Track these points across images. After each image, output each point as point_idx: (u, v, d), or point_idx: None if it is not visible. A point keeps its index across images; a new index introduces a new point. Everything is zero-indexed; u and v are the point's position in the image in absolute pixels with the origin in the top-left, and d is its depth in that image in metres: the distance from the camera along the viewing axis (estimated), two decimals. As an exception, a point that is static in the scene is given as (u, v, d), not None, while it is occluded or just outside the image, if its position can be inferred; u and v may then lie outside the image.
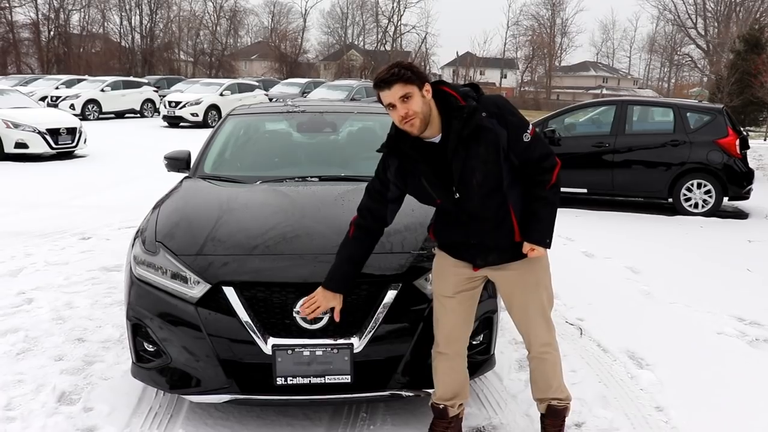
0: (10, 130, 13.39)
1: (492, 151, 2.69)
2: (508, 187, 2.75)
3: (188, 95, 24.44)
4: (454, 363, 3.03)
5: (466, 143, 2.68)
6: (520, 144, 2.71)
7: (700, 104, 10.90)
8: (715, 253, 7.41)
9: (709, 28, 46.64)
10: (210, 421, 3.36)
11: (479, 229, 2.80)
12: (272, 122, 5.44)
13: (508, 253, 2.84)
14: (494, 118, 2.68)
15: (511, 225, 2.78)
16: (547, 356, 3.02)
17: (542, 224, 2.79)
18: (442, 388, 3.07)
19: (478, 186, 2.72)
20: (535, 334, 2.99)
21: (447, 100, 2.72)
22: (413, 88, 2.63)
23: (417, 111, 2.64)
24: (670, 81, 71.31)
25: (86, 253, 6.50)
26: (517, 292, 2.94)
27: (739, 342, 4.70)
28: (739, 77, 20.06)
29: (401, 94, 2.63)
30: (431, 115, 2.69)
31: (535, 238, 2.78)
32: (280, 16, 67.38)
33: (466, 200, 2.75)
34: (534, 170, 2.77)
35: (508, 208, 2.77)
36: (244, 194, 4.02)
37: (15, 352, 4.16)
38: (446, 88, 2.76)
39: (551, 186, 2.78)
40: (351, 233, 3.01)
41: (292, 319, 3.01)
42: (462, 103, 2.69)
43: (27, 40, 53.11)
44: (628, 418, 3.51)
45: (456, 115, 2.68)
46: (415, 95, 2.63)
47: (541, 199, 2.78)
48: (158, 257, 3.29)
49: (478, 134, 2.68)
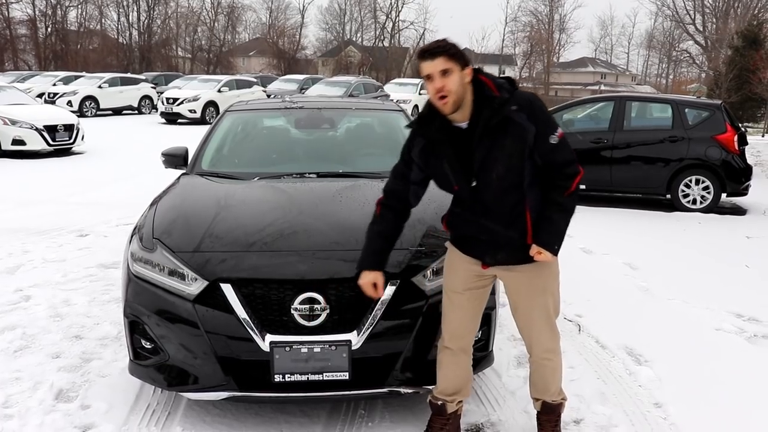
0: (7, 127, 13.37)
1: (517, 146, 2.66)
2: (527, 187, 2.73)
3: (186, 92, 24.40)
4: (459, 359, 3.02)
5: (493, 133, 2.66)
6: (546, 144, 2.68)
7: (698, 100, 10.90)
8: (713, 249, 7.41)
9: (707, 24, 46.61)
10: (208, 418, 3.36)
11: (492, 223, 2.77)
12: (270, 118, 5.42)
13: (518, 254, 2.80)
14: (524, 113, 2.66)
15: (524, 225, 2.75)
16: (548, 363, 3.01)
17: (553, 229, 2.75)
18: (444, 382, 3.06)
19: (497, 178, 2.69)
20: (538, 340, 2.98)
21: (481, 89, 2.70)
22: (455, 66, 2.62)
23: (452, 89, 2.62)
24: (668, 77, 71.30)
25: (84, 250, 6.49)
26: (523, 296, 2.92)
27: (738, 338, 4.70)
28: (738, 73, 20.07)
29: (442, 67, 2.61)
30: (465, 99, 2.67)
31: (544, 241, 2.74)
32: (277, 12, 67.18)
33: (483, 190, 2.73)
34: (555, 174, 2.74)
35: (524, 207, 2.74)
36: (242, 191, 4.00)
37: (12, 349, 4.15)
38: (483, 77, 2.74)
39: (570, 193, 2.75)
40: (377, 212, 3.00)
41: (290, 316, 3.01)
42: (495, 93, 2.68)
43: (24, 37, 52.93)
44: (627, 414, 3.51)
45: (487, 104, 2.67)
46: (454, 73, 2.62)
47: (557, 204, 2.75)
48: (155, 254, 3.28)
49: (505, 126, 2.66)
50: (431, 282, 3.17)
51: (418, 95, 26.84)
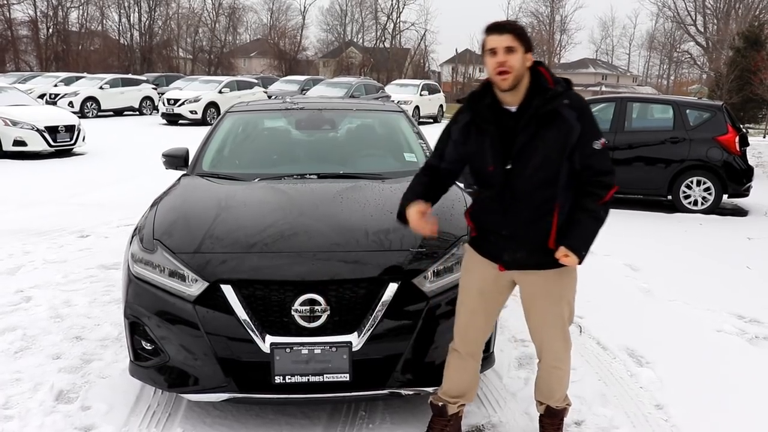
0: (9, 128, 13.37)
1: (559, 141, 2.66)
2: (561, 188, 2.71)
3: (187, 93, 24.38)
4: (466, 363, 3.01)
5: (540, 122, 2.66)
6: (588, 149, 2.68)
7: (699, 101, 10.87)
8: (714, 250, 7.40)
9: (708, 25, 46.60)
10: (208, 419, 3.35)
11: (517, 216, 2.73)
12: (271, 119, 5.42)
13: (537, 256, 2.77)
14: (575, 112, 2.67)
15: (549, 226, 2.72)
16: (556, 371, 3.00)
17: (584, 234, 2.71)
18: (449, 383, 3.06)
19: (533, 168, 2.67)
20: (549, 347, 2.96)
21: (538, 79, 2.72)
22: (520, 46, 2.64)
23: (514, 66, 2.63)
24: (669, 78, 71.27)
25: (85, 251, 6.48)
26: (539, 302, 2.89)
27: (739, 340, 4.69)
28: (739, 74, 20.02)
29: (508, 44, 2.63)
30: (521, 82, 2.68)
31: (573, 244, 2.69)
32: (279, 13, 67.23)
33: (517, 177, 2.70)
34: (590, 182, 2.72)
35: (553, 207, 2.71)
36: (243, 192, 4.00)
37: (13, 350, 4.15)
38: (543, 69, 2.75)
39: (603, 203, 2.73)
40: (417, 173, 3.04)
41: (290, 317, 3.00)
42: (551, 85, 2.70)
43: (25, 38, 53.00)
44: (628, 416, 3.50)
45: (540, 93, 2.68)
46: (518, 52, 2.63)
47: (590, 211, 2.72)
48: (156, 255, 3.27)
49: (553, 118, 2.66)
50: (432, 283, 3.17)
51: (419, 96, 26.86)
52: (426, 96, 27.48)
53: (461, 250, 3.29)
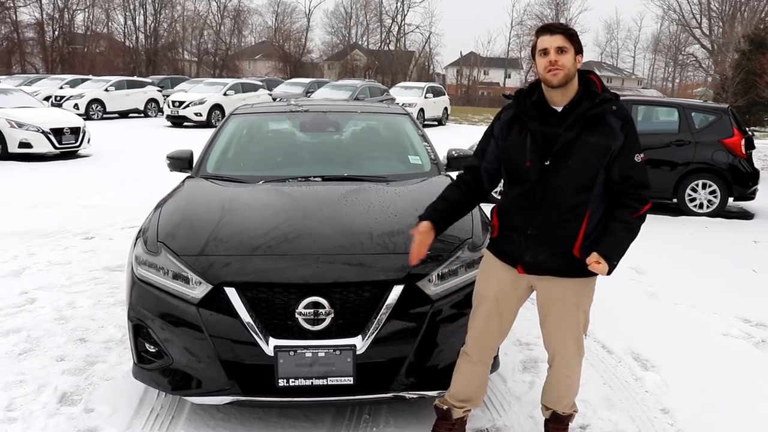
0: (14, 130, 13.40)
1: (601, 147, 2.66)
2: (595, 195, 2.70)
3: (192, 95, 24.43)
4: (476, 368, 3.00)
5: (584, 124, 2.66)
6: (629, 160, 2.69)
7: (705, 104, 10.84)
8: (720, 253, 7.37)
9: (713, 27, 46.48)
10: (212, 422, 3.34)
11: (545, 216, 2.72)
12: (275, 122, 5.42)
13: (559, 261, 2.75)
14: (620, 120, 2.68)
15: (576, 231, 2.70)
16: (566, 379, 2.99)
17: (617, 243, 2.71)
18: (457, 387, 3.04)
19: (571, 169, 2.66)
20: (562, 355, 2.94)
21: (588, 85, 2.74)
22: (571, 46, 2.66)
23: (565, 65, 2.65)
24: (674, 81, 71.20)
25: (89, 253, 6.49)
26: (555, 308, 2.87)
27: (745, 344, 4.66)
28: (744, 77, 19.95)
29: (560, 44, 2.65)
30: (571, 82, 2.69)
31: (606, 252, 2.68)
32: (283, 15, 67.42)
33: (552, 175, 2.69)
34: (627, 194, 2.72)
35: (584, 212, 2.70)
36: (247, 194, 4.00)
37: (17, 352, 4.15)
38: (593, 77, 2.79)
39: (638, 216, 2.74)
40: (451, 183, 3.05)
41: (294, 320, 2.99)
42: (600, 92, 2.72)
43: (31, 40, 53.26)
44: (633, 420, 3.49)
45: (589, 97, 2.70)
46: (569, 53, 2.66)
47: (625, 222, 2.72)
48: (160, 257, 3.27)
49: (598, 123, 2.67)
50: (437, 287, 3.15)
51: (424, 99, 26.84)
52: (431, 98, 27.47)
53: (466, 254, 3.28)
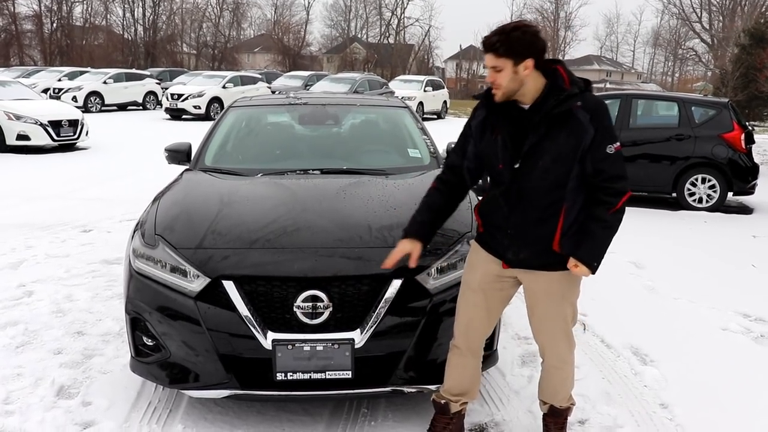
0: (12, 122, 13.36)
1: (571, 143, 2.62)
2: (570, 190, 2.67)
3: (191, 88, 24.36)
4: (466, 360, 2.99)
5: (551, 122, 2.63)
6: (601, 152, 2.64)
7: (705, 98, 10.83)
8: (719, 248, 7.37)
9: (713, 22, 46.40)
10: (209, 416, 3.33)
11: (522, 215, 2.72)
12: (274, 114, 5.39)
13: (541, 257, 2.75)
14: (588, 114, 2.62)
15: (554, 227, 2.69)
16: (559, 372, 2.98)
17: (595, 245, 2.70)
18: (450, 381, 3.03)
19: (542, 168, 2.64)
20: (552, 348, 2.94)
21: (555, 79, 2.68)
22: (506, 62, 2.59)
23: (501, 84, 2.62)
24: (674, 75, 71.09)
25: (87, 246, 6.47)
26: (541, 301, 2.86)
27: (744, 338, 4.66)
28: (744, 71, 19.90)
29: (492, 64, 2.62)
30: (526, 86, 2.64)
31: (584, 257, 2.69)
32: (283, 8, 67.15)
33: (525, 176, 2.67)
34: (602, 188, 2.69)
35: (560, 209, 2.68)
36: (245, 187, 3.98)
37: (14, 345, 4.13)
38: (560, 68, 2.70)
39: (615, 211, 2.70)
40: (433, 186, 3.00)
41: (292, 314, 2.98)
42: (567, 86, 2.66)
43: (30, 32, 53.05)
44: (632, 415, 3.48)
45: (555, 93, 2.64)
46: (505, 69, 2.60)
47: (602, 221, 2.69)
48: (157, 250, 3.25)
49: (566, 119, 2.62)
50: (435, 280, 3.14)
51: (423, 92, 26.77)
52: (430, 92, 27.41)
53: (465, 247, 3.27)
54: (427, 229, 2.95)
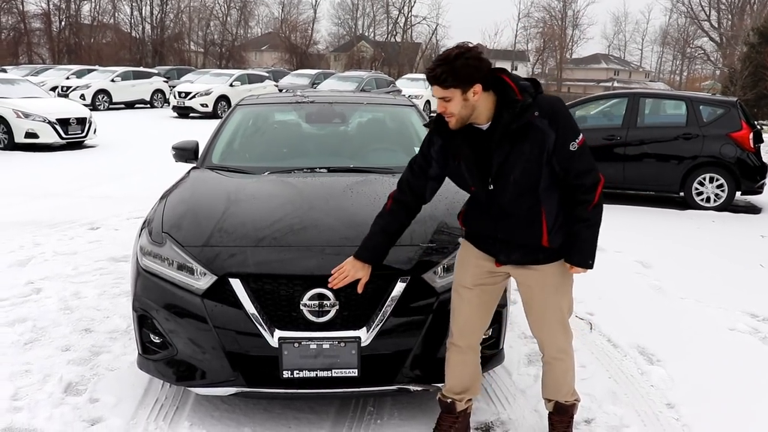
0: (21, 120, 13.43)
1: (536, 151, 2.63)
2: (543, 190, 2.69)
3: (198, 86, 24.44)
4: (466, 357, 3.00)
5: (513, 138, 2.63)
6: (566, 151, 2.64)
7: (713, 97, 10.77)
8: (727, 248, 7.33)
9: (722, 20, 46.23)
10: (216, 413, 3.34)
11: (508, 224, 2.75)
12: (281, 113, 5.40)
13: (533, 255, 2.79)
14: (546, 119, 2.62)
15: (540, 227, 2.72)
16: (560, 363, 2.99)
17: (585, 246, 2.74)
18: (452, 380, 3.04)
19: (514, 183, 2.67)
20: (551, 340, 2.95)
21: (504, 90, 2.66)
22: (454, 91, 2.58)
23: (453, 112, 2.62)
24: (682, 74, 70.80)
25: (95, 244, 6.50)
26: (536, 294, 2.88)
27: (752, 338, 4.64)
28: (753, 70, 19.84)
29: (440, 95, 2.62)
30: (480, 107, 2.63)
31: (577, 260, 2.75)
32: (290, 6, 67.14)
33: (500, 194, 2.71)
34: (575, 188, 2.70)
35: (540, 210, 2.71)
36: (252, 185, 3.98)
37: (23, 342, 4.16)
38: (506, 77, 2.68)
39: (593, 206, 2.71)
40: (388, 206, 2.99)
41: (299, 312, 2.98)
42: (518, 97, 2.63)
43: (38, 30, 53.23)
44: (639, 414, 3.47)
45: (509, 108, 2.63)
46: (454, 98, 2.59)
47: (584, 220, 2.72)
48: (165, 248, 3.26)
49: (526, 131, 2.62)
50: (442, 279, 3.14)
51: (430, 91, 26.70)
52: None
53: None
54: (380, 252, 2.95)
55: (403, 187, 2.98)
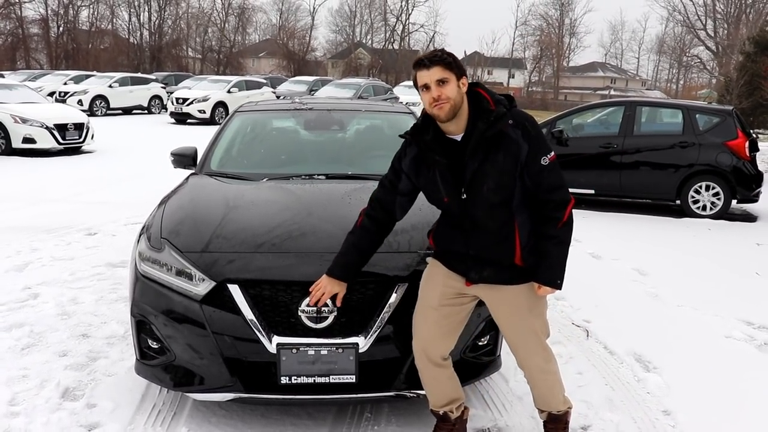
0: (18, 125, 13.44)
1: (510, 162, 2.64)
2: (517, 206, 2.71)
3: (196, 92, 24.48)
4: (436, 373, 2.96)
5: (487, 146, 2.65)
6: (537, 165, 2.65)
7: (709, 106, 10.83)
8: (723, 256, 7.36)
9: (718, 29, 46.45)
10: (213, 419, 3.35)
11: (480, 239, 2.75)
12: (279, 119, 5.42)
13: (504, 273, 2.77)
14: (520, 130, 2.65)
15: (513, 244, 2.72)
16: (544, 381, 2.98)
17: (554, 264, 2.72)
18: (433, 397, 3.04)
19: (488, 192, 2.67)
20: (529, 362, 2.93)
21: (479, 102, 2.70)
22: (451, 75, 2.63)
23: (450, 97, 2.63)
24: (678, 82, 71.10)
25: (92, 249, 6.50)
26: (508, 317, 2.87)
27: (748, 346, 4.66)
28: (749, 79, 19.90)
29: (439, 77, 2.62)
30: (461, 109, 2.67)
31: (546, 279, 2.73)
32: (288, 13, 67.44)
33: (473, 205, 2.71)
34: (545, 204, 2.70)
35: (513, 226, 2.71)
36: (251, 191, 4.00)
37: (20, 347, 4.16)
38: (481, 90, 2.73)
39: (563, 224, 2.70)
40: (359, 222, 3.01)
41: (297, 318, 2.99)
42: (492, 107, 2.67)
43: (36, 36, 53.32)
44: (635, 421, 3.48)
45: (483, 116, 2.66)
46: (451, 82, 2.63)
47: (552, 238, 2.71)
48: (163, 254, 3.27)
49: (500, 140, 2.64)
50: (439, 286, 3.14)
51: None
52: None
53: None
54: (351, 269, 2.95)
55: (373, 204, 3.00)
